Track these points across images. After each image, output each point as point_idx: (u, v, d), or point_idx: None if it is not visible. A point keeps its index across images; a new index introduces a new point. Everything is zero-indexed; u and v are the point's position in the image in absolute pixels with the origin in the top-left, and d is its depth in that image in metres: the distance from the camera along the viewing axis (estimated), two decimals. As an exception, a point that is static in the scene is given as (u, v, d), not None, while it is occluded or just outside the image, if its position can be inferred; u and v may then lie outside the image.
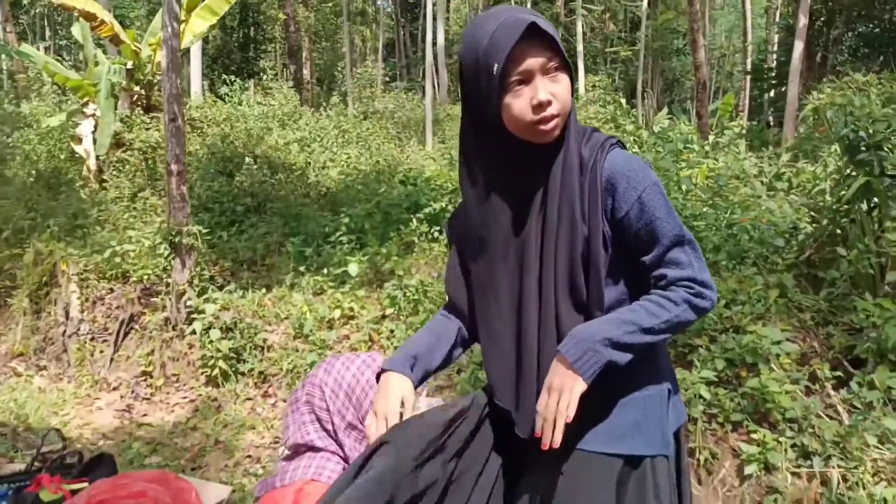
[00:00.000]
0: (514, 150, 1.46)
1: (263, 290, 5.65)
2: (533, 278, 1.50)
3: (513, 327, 1.54)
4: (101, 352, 5.69)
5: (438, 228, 6.05)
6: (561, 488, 1.50)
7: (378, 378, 1.60)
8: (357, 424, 1.75)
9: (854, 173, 3.79)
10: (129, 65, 8.50)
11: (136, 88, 8.77)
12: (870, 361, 3.39)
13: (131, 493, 2.41)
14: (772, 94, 18.42)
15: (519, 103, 1.39)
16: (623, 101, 10.14)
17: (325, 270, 5.65)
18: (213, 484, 2.57)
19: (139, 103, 8.83)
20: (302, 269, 5.88)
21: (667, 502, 1.53)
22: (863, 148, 3.74)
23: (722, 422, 3.29)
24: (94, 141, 8.18)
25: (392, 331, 4.65)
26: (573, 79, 1.46)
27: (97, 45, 9.71)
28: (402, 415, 1.52)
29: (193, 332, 5.20)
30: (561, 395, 1.38)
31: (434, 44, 14.60)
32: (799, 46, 12.15)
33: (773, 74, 17.71)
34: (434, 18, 14.48)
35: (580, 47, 16.58)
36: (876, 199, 3.79)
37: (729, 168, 6.29)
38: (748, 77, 20.34)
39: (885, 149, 3.75)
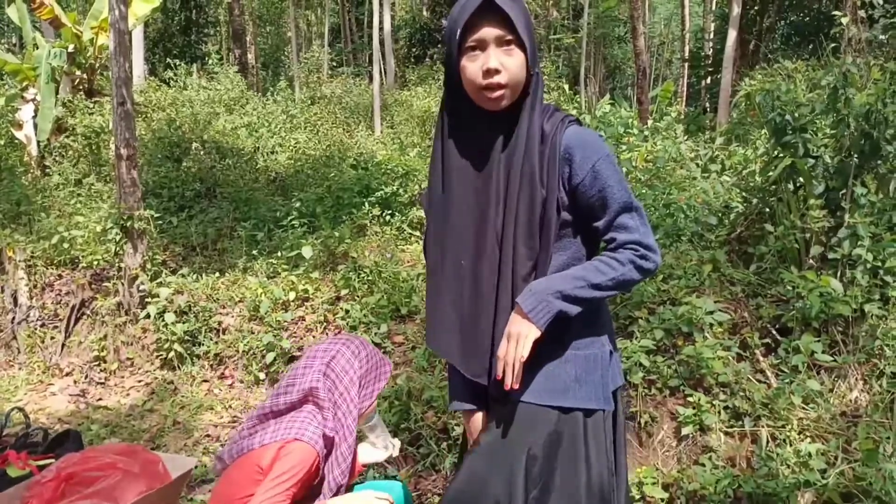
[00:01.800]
0: (477, 116, 1.64)
1: (217, 274, 5.68)
2: (493, 236, 1.65)
3: (472, 281, 1.70)
4: (52, 338, 5.64)
5: (390, 212, 6.17)
6: (503, 436, 1.67)
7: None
8: (356, 400, 1.95)
9: (781, 155, 4.05)
10: (71, 48, 8.31)
11: (78, 72, 8.59)
12: (795, 329, 3.64)
13: (100, 465, 2.48)
14: (708, 80, 19.00)
15: (472, 67, 1.56)
16: (566, 87, 10.38)
17: (279, 254, 5.72)
18: (179, 456, 2.66)
19: (81, 87, 8.65)
20: (255, 252, 5.93)
21: (603, 454, 1.70)
22: (789, 131, 4.00)
23: (660, 387, 3.51)
24: (35, 126, 7.99)
25: (347, 311, 4.77)
26: (533, 59, 1.60)
27: (35, 27, 9.43)
28: None
29: (147, 316, 5.21)
30: (518, 341, 1.56)
31: (380, 29, 14.58)
32: (732, 35, 12.57)
33: (710, 62, 18.27)
34: (380, 4, 14.45)
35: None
36: (801, 179, 4.07)
37: (666, 151, 6.57)
38: (686, 64, 20.93)
39: (809, 131, 4.03)
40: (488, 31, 1.54)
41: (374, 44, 14.30)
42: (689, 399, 3.41)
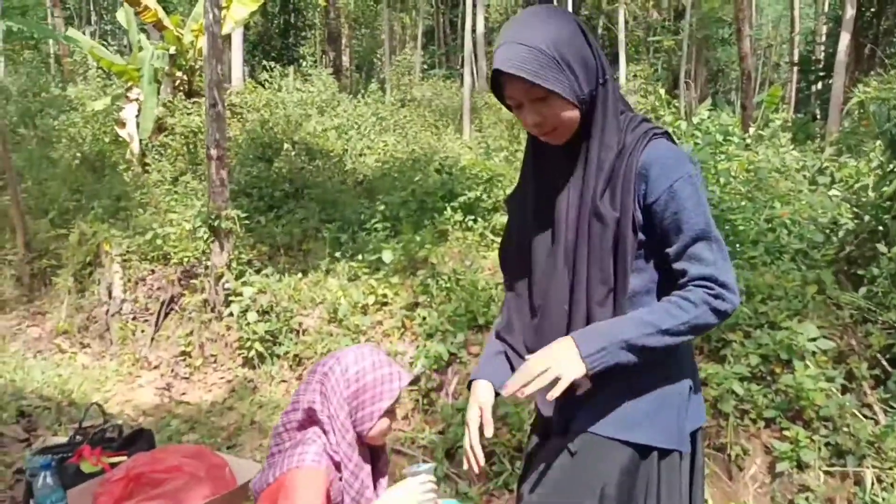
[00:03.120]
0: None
1: (299, 275, 5.73)
2: (563, 257, 1.56)
3: (543, 302, 1.61)
4: (143, 331, 5.85)
5: (473, 217, 6.06)
6: (569, 467, 1.54)
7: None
8: (349, 421, 1.78)
9: (898, 169, 3.70)
10: (172, 50, 8.65)
11: (179, 74, 8.94)
12: (908, 361, 3.32)
13: (167, 468, 2.49)
14: (818, 86, 17.95)
15: (523, 119, 1.54)
16: (663, 91, 9.99)
17: (360, 257, 5.71)
18: (246, 460, 2.64)
19: (181, 88, 9.00)
20: (337, 254, 5.95)
21: (677, 498, 1.55)
22: (908, 143, 3.65)
23: (754, 418, 3.25)
24: (138, 125, 8.36)
25: (424, 318, 4.69)
26: (588, 79, 1.49)
27: (141, 30, 9.89)
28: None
29: (231, 315, 5.31)
30: (556, 373, 1.42)
31: (473, 31, 14.52)
32: (846, 38, 11.80)
33: (821, 66, 17.23)
34: (474, 6, 14.39)
35: (622, 36, 16.32)
36: (921, 196, 3.70)
37: (769, 161, 6.17)
38: (794, 69, 19.84)
39: (932, 144, 3.65)
40: (515, 93, 1.50)
41: (467, 46, 14.24)
42: (786, 433, 3.14)
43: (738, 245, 4.39)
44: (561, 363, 1.43)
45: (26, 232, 6.89)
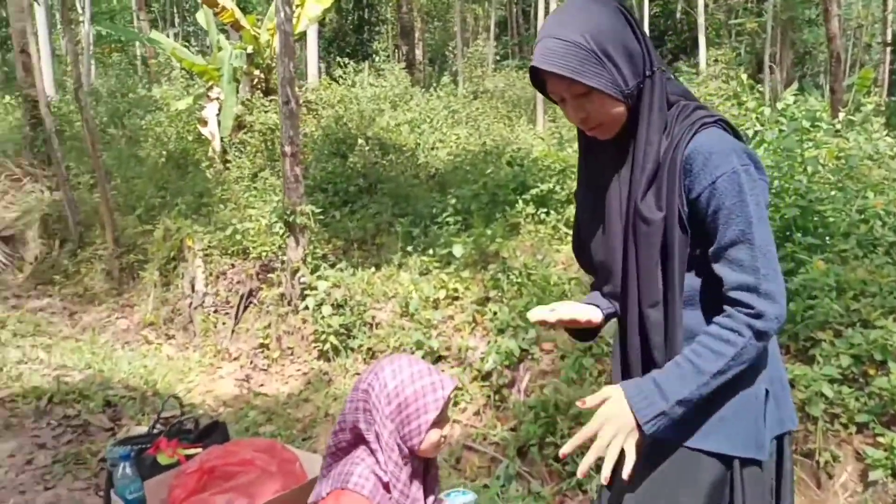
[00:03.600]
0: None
1: (373, 269, 5.79)
2: (617, 255, 1.51)
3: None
4: (224, 323, 6.04)
5: (545, 210, 5.96)
6: (642, 474, 1.48)
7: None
8: (397, 438, 1.71)
9: None
10: (250, 49, 8.87)
11: (256, 72, 9.16)
12: None
13: (240, 461, 2.53)
14: (916, 66, 16.84)
15: (567, 114, 1.50)
16: (745, 76, 9.55)
17: (432, 251, 5.72)
18: (318, 456, 2.66)
19: (259, 87, 9.22)
20: (409, 249, 5.97)
21: None
22: None
23: (845, 423, 3.07)
24: (219, 123, 8.62)
25: (495, 313, 4.65)
26: (633, 71, 1.42)
27: (221, 30, 10.18)
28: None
29: (307, 308, 5.41)
30: (616, 447, 1.38)
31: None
32: (949, 13, 10.99)
33: (919, 44, 16.14)
34: (547, -6, 14.17)
35: (701, 20, 15.70)
36: None
37: (861, 148, 5.80)
38: (888, 49, 18.64)
39: None
40: (557, 88, 1.45)
41: (539, 35, 14.03)
42: (881, 439, 2.96)
43: (827, 238, 4.14)
44: (619, 435, 1.38)
45: (115, 228, 7.21)
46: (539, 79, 1.47)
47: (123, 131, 10.55)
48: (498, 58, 20.42)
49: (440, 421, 1.71)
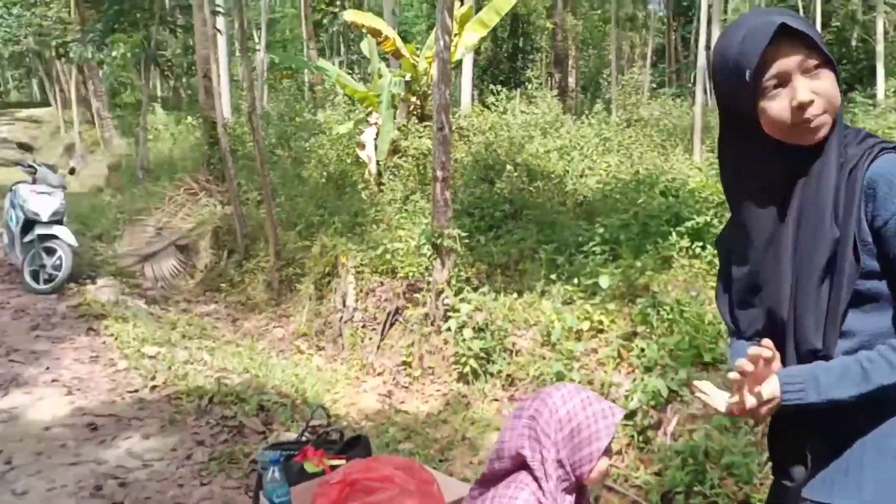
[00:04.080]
0: (773, 154, 1.39)
1: (515, 295, 5.76)
2: (787, 281, 1.38)
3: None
4: (370, 339, 6.25)
5: (701, 244, 5.67)
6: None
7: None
8: (566, 465, 1.64)
9: None
10: (408, 77, 9.23)
11: (413, 99, 9.50)
12: None
13: (380, 477, 2.58)
14: None
15: (776, 106, 1.32)
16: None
17: (576, 280, 5.60)
18: (454, 480, 2.66)
19: (415, 112, 9.56)
20: (553, 276, 5.89)
21: None
22: None
23: None
24: (376, 147, 9.02)
25: (643, 350, 4.45)
26: (839, 75, 1.33)
27: (382, 59, 10.68)
28: None
29: (449, 329, 5.47)
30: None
31: (707, 47, 13.73)
32: None
33: None
34: (709, 21, 13.63)
35: (880, 48, 14.48)
36: None
37: None
38: None
39: None
40: (788, 62, 1.30)
41: (700, 62, 13.51)
42: None
43: None
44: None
45: (277, 242, 7.70)
46: (739, 68, 1.33)
47: (289, 152, 11.31)
48: (654, 85, 19.91)
49: (608, 449, 1.66)
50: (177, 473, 3.63)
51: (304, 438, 2.85)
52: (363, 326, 6.48)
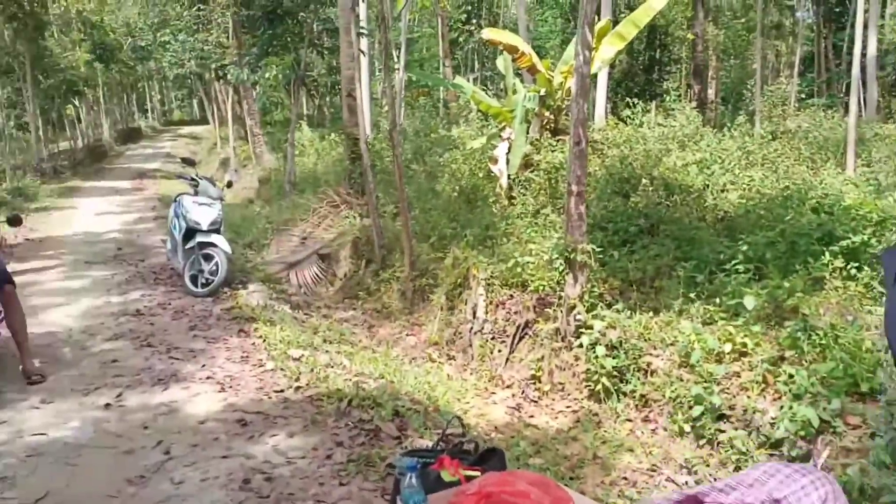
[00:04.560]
0: None
1: (650, 313, 5.61)
2: None
3: None
4: (499, 351, 6.28)
5: (857, 265, 5.28)
6: None
7: None
8: None
9: None
10: (542, 92, 9.24)
11: (546, 113, 9.50)
12: None
13: (515, 491, 2.58)
14: None
15: None
16: None
17: (718, 300, 5.37)
18: (589, 500, 2.62)
19: (548, 127, 9.54)
20: (692, 295, 5.68)
21: None
22: None
23: None
24: (508, 161, 9.09)
25: (791, 376, 4.20)
26: None
27: (516, 74, 10.75)
28: None
29: (580, 346, 5.41)
30: None
31: (863, 55, 12.77)
32: None
33: None
34: (864, 26, 12.68)
35: None
36: None
37: None
38: None
39: None
40: None
41: (854, 71, 12.57)
42: None
43: None
44: None
45: (412, 253, 7.93)
46: None
47: (424, 167, 11.62)
48: (802, 96, 18.73)
49: None
50: (318, 472, 3.78)
51: (440, 447, 2.90)
52: (492, 338, 6.52)
